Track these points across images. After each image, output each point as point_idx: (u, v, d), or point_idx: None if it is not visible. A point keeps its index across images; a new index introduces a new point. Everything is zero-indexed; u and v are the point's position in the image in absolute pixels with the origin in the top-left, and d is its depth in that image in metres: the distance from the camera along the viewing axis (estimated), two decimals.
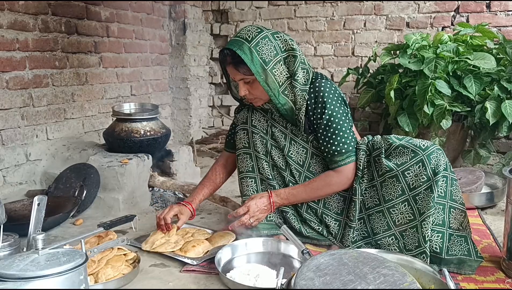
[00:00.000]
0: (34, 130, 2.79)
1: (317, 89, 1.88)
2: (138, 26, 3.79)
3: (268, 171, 2.00)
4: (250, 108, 2.03)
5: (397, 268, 1.29)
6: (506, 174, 1.73)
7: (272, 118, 1.99)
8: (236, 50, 1.80)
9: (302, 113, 1.89)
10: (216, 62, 4.71)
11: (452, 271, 1.73)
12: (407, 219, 1.78)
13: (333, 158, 1.88)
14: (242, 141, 2.04)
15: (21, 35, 2.65)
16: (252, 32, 1.82)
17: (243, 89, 1.87)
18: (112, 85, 3.51)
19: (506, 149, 3.60)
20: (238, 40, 1.83)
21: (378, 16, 4.06)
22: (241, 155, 2.04)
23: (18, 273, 1.23)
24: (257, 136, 1.99)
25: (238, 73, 1.84)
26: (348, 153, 1.86)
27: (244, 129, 2.03)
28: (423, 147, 1.75)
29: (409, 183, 1.76)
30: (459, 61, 3.00)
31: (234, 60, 1.82)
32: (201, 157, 3.96)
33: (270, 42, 1.82)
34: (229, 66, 1.86)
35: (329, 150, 1.88)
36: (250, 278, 1.63)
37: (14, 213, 2.29)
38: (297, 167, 1.98)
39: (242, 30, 1.86)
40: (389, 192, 1.81)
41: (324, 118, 1.86)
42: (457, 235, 1.76)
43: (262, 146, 1.99)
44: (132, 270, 1.71)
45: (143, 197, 2.64)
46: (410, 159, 1.75)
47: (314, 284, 1.20)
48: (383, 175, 1.82)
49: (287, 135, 1.97)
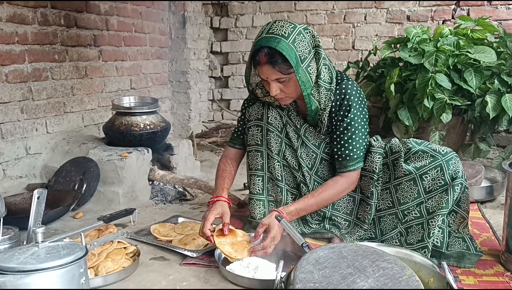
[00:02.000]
0: (34, 123, 2.79)
1: (343, 91, 1.84)
2: (137, 20, 3.78)
3: (278, 171, 1.96)
4: (265, 104, 1.94)
5: (396, 261, 1.29)
6: (506, 168, 1.73)
7: (288, 117, 1.94)
8: (277, 47, 1.67)
9: (326, 114, 1.85)
10: (216, 55, 4.70)
11: (452, 265, 1.74)
12: (412, 216, 1.81)
13: (343, 162, 1.87)
14: (255, 138, 1.96)
15: (20, 28, 2.64)
16: (287, 28, 1.71)
17: (275, 88, 1.75)
18: (111, 78, 3.50)
19: (506, 143, 3.60)
20: (273, 37, 1.69)
21: (378, 9, 4.04)
22: (252, 152, 1.98)
23: (18, 266, 1.23)
24: (272, 134, 1.92)
25: (274, 72, 1.71)
26: (359, 159, 1.86)
27: (258, 125, 1.94)
28: (442, 153, 1.77)
29: (425, 186, 1.78)
30: (459, 54, 2.99)
31: (271, 60, 1.69)
32: (201, 151, 3.96)
33: (304, 38, 1.73)
34: (264, 66, 1.72)
35: (342, 153, 1.86)
36: (249, 270, 1.64)
37: (14, 207, 2.29)
38: (307, 171, 1.96)
39: (272, 26, 1.73)
40: (404, 195, 1.83)
41: (345, 121, 1.84)
42: (454, 236, 1.80)
43: (276, 144, 1.93)
44: (132, 263, 1.71)
45: (143, 191, 2.64)
46: (429, 163, 1.77)
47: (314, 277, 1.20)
48: (400, 178, 1.83)
49: (299, 137, 1.94)
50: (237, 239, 1.78)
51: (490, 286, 1.59)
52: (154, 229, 2.03)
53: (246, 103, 2.05)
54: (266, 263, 1.69)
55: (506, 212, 1.75)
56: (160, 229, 2.04)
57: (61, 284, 1.27)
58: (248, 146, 2.00)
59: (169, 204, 2.60)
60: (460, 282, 1.62)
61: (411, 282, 1.20)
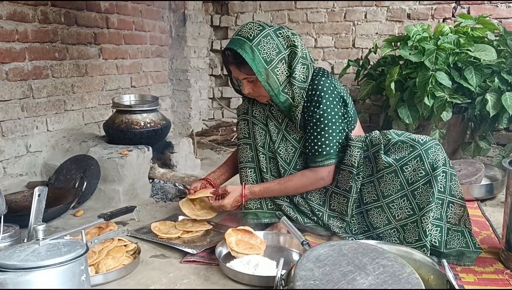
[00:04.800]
0: (34, 121, 2.79)
1: (315, 86, 1.85)
2: (138, 18, 3.78)
3: (264, 163, 2.02)
4: (250, 99, 2.04)
5: (396, 259, 1.30)
6: (506, 166, 1.73)
7: (270, 111, 2.00)
8: (238, 50, 1.77)
9: (299, 111, 1.88)
10: (217, 54, 4.70)
11: (452, 263, 1.74)
12: (406, 214, 1.78)
13: (313, 157, 1.89)
14: (242, 131, 2.06)
15: (20, 26, 2.64)
16: (254, 30, 1.79)
17: (247, 87, 1.88)
18: (112, 76, 3.50)
19: (506, 141, 3.60)
20: (239, 39, 1.80)
21: (379, 7, 4.04)
22: (241, 145, 2.07)
23: (19, 263, 1.24)
24: (257, 127, 2.01)
25: (240, 73, 1.84)
26: (329, 155, 1.87)
27: (244, 119, 2.05)
28: (422, 142, 1.74)
29: (407, 178, 1.75)
30: (460, 52, 2.99)
31: (236, 60, 1.81)
32: (201, 149, 3.96)
33: (273, 40, 1.79)
34: (231, 65, 1.86)
35: (312, 148, 1.89)
36: (250, 267, 1.64)
37: (15, 205, 2.30)
38: (283, 165, 1.99)
39: (243, 28, 1.82)
40: (388, 187, 1.81)
41: (314, 116, 1.85)
42: (454, 230, 1.77)
43: (260, 137, 2.01)
44: (133, 261, 1.72)
45: (143, 189, 2.64)
46: (408, 153, 1.74)
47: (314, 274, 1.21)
48: (381, 170, 1.81)
49: (280, 131, 1.99)
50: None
51: (490, 284, 1.59)
52: (154, 226, 2.04)
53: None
54: (266, 260, 1.70)
55: (506, 210, 1.75)
56: (161, 227, 2.05)
57: (62, 281, 1.27)
58: (238, 140, 2.10)
59: (170, 202, 2.60)
60: (460, 279, 1.62)
61: (411, 280, 1.21)
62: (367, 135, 1.89)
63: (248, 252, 1.75)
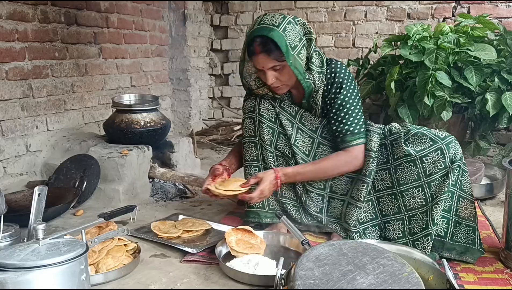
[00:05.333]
0: (34, 121, 2.79)
1: (333, 70, 1.91)
2: (137, 17, 3.78)
3: (271, 161, 2.00)
4: (257, 96, 2.01)
5: (396, 258, 1.30)
6: (506, 166, 1.73)
7: (281, 107, 1.99)
8: (269, 35, 1.75)
9: (319, 96, 1.91)
10: (217, 53, 4.70)
11: (454, 258, 1.76)
12: (418, 204, 1.81)
13: (344, 138, 1.89)
14: (248, 129, 2.03)
15: (20, 25, 2.64)
16: (277, 18, 1.80)
17: (271, 77, 1.83)
18: (112, 76, 3.50)
19: (506, 140, 3.60)
20: (265, 27, 1.78)
21: (379, 7, 4.04)
22: (247, 143, 2.05)
23: (18, 262, 1.24)
24: (264, 126, 1.98)
25: (269, 61, 1.79)
26: (360, 134, 1.89)
27: (251, 117, 2.02)
28: (442, 136, 1.80)
29: (425, 169, 1.78)
30: (459, 52, 2.99)
31: (265, 48, 1.77)
32: (201, 148, 3.96)
33: (294, 27, 1.81)
34: (259, 55, 1.80)
35: (342, 129, 1.89)
36: (250, 266, 1.64)
37: (15, 204, 2.30)
38: (303, 157, 1.98)
39: (264, 17, 1.82)
40: (404, 176, 1.83)
41: (339, 97, 1.89)
42: (465, 224, 1.78)
43: (268, 135, 1.98)
44: (133, 260, 1.72)
45: (143, 188, 2.64)
46: (429, 146, 1.79)
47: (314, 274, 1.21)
48: (400, 158, 1.84)
49: (294, 124, 1.98)
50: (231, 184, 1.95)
51: (489, 283, 1.59)
52: (154, 226, 2.04)
53: (245, 98, 2.11)
54: (266, 259, 1.70)
55: (506, 210, 1.75)
56: (161, 226, 2.05)
57: (62, 280, 1.27)
58: (243, 138, 2.07)
59: (170, 201, 2.60)
60: (460, 279, 1.62)
61: (411, 279, 1.21)
62: (386, 125, 1.94)
63: (248, 251, 1.75)
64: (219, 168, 2.03)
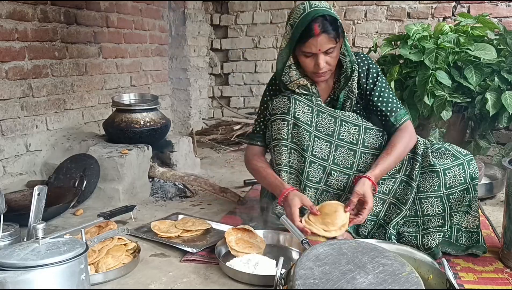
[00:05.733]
0: (34, 120, 2.79)
1: (364, 59, 1.95)
2: (137, 16, 3.77)
3: (303, 165, 1.91)
4: (291, 97, 1.90)
5: (396, 257, 1.30)
6: (506, 165, 1.73)
7: (318, 105, 1.93)
8: (329, 14, 1.76)
9: (355, 84, 1.92)
10: (216, 52, 4.70)
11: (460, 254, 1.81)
12: (435, 212, 1.85)
13: (397, 116, 1.91)
14: (280, 131, 1.90)
15: (20, 25, 2.64)
16: (325, 3, 1.82)
17: (323, 60, 1.80)
18: (111, 75, 3.50)
19: (506, 140, 3.60)
20: (321, 9, 1.78)
21: (379, 6, 4.04)
22: (279, 146, 1.91)
23: (18, 262, 1.23)
24: (300, 129, 1.88)
25: (329, 41, 1.77)
26: (405, 110, 1.96)
27: (284, 120, 1.89)
28: (463, 153, 1.86)
29: (447, 182, 1.83)
30: (459, 51, 2.98)
31: (326, 28, 1.76)
32: (201, 148, 3.96)
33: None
34: (319, 36, 1.76)
35: (391, 109, 1.91)
36: (249, 266, 1.64)
37: (15, 203, 2.30)
38: (351, 146, 1.93)
39: (312, 3, 1.80)
40: (425, 185, 1.86)
41: (378, 84, 1.92)
42: (468, 231, 1.85)
43: (304, 139, 1.89)
44: (132, 260, 1.72)
45: (143, 188, 2.64)
46: (451, 161, 1.84)
47: (313, 273, 1.21)
48: (424, 168, 1.88)
49: (337, 118, 1.93)
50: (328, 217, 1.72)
51: (489, 283, 1.59)
52: (154, 225, 2.04)
53: (266, 98, 2.05)
54: (266, 259, 1.70)
55: (506, 209, 1.75)
56: (160, 226, 2.05)
57: (62, 280, 1.27)
58: (273, 141, 1.93)
59: (169, 201, 2.60)
60: (460, 278, 1.62)
61: (411, 279, 1.21)
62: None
63: (247, 251, 1.75)
64: (306, 200, 1.77)
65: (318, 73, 1.84)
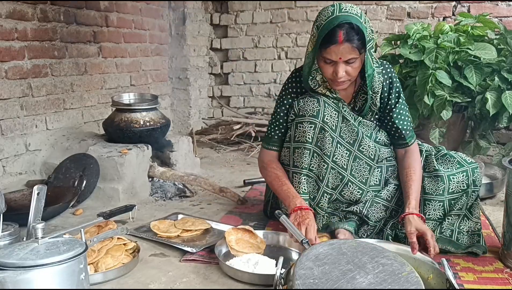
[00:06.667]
0: (34, 120, 2.79)
1: (388, 71, 1.91)
2: (137, 16, 3.77)
3: (324, 171, 1.88)
4: (320, 99, 1.84)
5: (396, 257, 1.30)
6: (506, 165, 1.73)
7: (344, 111, 1.89)
8: (357, 23, 1.66)
9: (378, 97, 1.89)
10: (216, 52, 4.70)
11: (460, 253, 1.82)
12: (436, 216, 1.86)
13: (411, 134, 1.94)
14: (306, 134, 1.84)
15: (20, 24, 2.64)
16: (356, 9, 1.71)
17: (342, 70, 1.72)
18: (111, 75, 3.49)
19: (506, 140, 3.60)
20: (350, 15, 1.68)
21: (379, 6, 4.04)
22: (301, 149, 1.87)
23: (18, 261, 1.23)
24: (327, 134, 1.84)
25: (351, 51, 1.68)
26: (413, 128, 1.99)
27: (312, 122, 1.83)
28: (468, 161, 1.89)
29: (450, 187, 1.85)
30: (460, 51, 2.98)
31: (350, 37, 1.66)
32: (201, 147, 3.96)
33: (368, 21, 1.75)
34: (342, 44, 1.67)
35: (408, 126, 1.93)
36: (249, 265, 1.64)
37: (14, 203, 2.29)
38: (368, 161, 1.93)
39: (341, 6, 1.71)
40: (429, 187, 1.88)
41: (399, 101, 1.92)
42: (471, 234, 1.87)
43: (329, 144, 1.85)
44: (132, 259, 1.71)
45: (142, 188, 2.64)
46: (456, 168, 1.87)
47: (313, 273, 1.21)
48: (430, 172, 1.90)
49: (358, 130, 1.90)
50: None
51: (489, 283, 1.59)
52: (154, 225, 2.04)
53: (286, 100, 1.96)
54: (266, 259, 1.69)
55: (506, 209, 1.75)
56: (160, 226, 2.05)
57: (61, 280, 1.27)
58: (295, 142, 1.88)
59: (169, 200, 2.60)
60: (460, 278, 1.62)
61: (411, 278, 1.21)
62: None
63: (247, 250, 1.75)
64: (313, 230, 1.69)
65: (336, 81, 1.77)
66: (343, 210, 1.98)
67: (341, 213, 1.99)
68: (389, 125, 1.95)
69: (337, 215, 1.99)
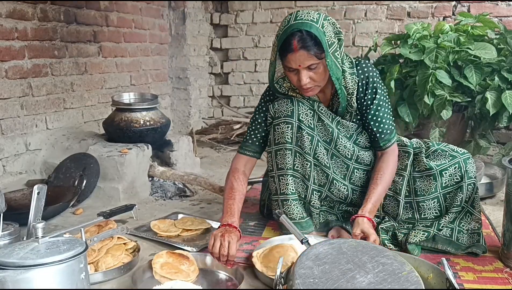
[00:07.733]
0: (34, 119, 2.79)
1: (365, 71, 1.86)
2: (137, 16, 3.77)
3: (308, 170, 1.89)
4: (294, 99, 1.87)
5: (395, 257, 1.30)
6: (506, 164, 1.73)
7: (319, 111, 1.88)
8: (311, 30, 1.65)
9: (354, 98, 1.86)
10: (216, 52, 4.69)
11: (460, 253, 1.80)
12: (433, 215, 1.87)
13: (387, 137, 1.88)
14: (284, 135, 1.86)
15: (20, 24, 2.64)
16: (314, 15, 1.70)
17: (305, 76, 1.71)
18: (111, 74, 3.50)
19: (506, 139, 3.60)
20: (303, 22, 1.67)
21: (379, 5, 4.04)
22: (282, 150, 1.87)
23: (18, 261, 1.23)
24: (304, 132, 1.85)
25: (308, 57, 1.67)
26: (395, 130, 1.92)
27: (288, 123, 1.85)
28: (460, 152, 1.87)
29: (442, 182, 1.84)
30: (460, 51, 2.98)
31: (305, 44, 1.66)
32: (201, 147, 3.96)
33: (329, 25, 1.72)
34: (297, 52, 1.67)
35: (383, 130, 1.87)
36: None
37: (14, 203, 2.30)
38: (345, 160, 1.92)
39: (298, 13, 1.71)
40: (422, 188, 1.88)
41: (376, 100, 1.85)
42: (471, 233, 1.85)
43: (307, 142, 1.86)
44: (132, 259, 1.71)
45: (142, 187, 2.64)
46: (448, 161, 1.85)
47: (313, 272, 1.21)
48: (421, 172, 1.89)
49: (333, 129, 1.89)
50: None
51: (489, 282, 1.59)
52: (154, 225, 2.04)
53: (262, 107, 1.97)
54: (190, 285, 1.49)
55: (506, 209, 1.75)
56: (160, 225, 2.05)
57: (61, 279, 1.27)
58: (276, 145, 1.89)
59: (169, 200, 2.60)
60: (459, 278, 1.62)
61: (411, 278, 1.21)
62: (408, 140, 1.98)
63: (171, 276, 1.54)
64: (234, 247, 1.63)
65: (303, 88, 1.76)
66: (339, 209, 2.01)
67: (338, 212, 2.01)
68: (366, 126, 1.92)
69: (334, 214, 2.00)
